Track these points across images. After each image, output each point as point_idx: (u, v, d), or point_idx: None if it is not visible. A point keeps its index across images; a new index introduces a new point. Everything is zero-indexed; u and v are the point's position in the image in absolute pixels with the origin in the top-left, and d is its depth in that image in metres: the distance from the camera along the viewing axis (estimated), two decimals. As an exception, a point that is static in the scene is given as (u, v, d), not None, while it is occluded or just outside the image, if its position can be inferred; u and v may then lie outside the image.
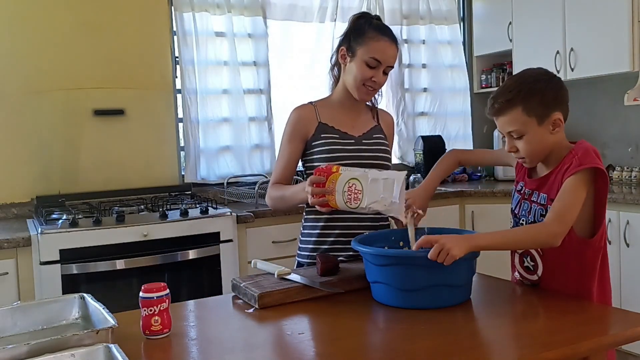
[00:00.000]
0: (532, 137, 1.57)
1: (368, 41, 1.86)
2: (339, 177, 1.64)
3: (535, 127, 1.56)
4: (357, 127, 1.99)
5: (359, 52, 1.87)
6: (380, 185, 1.59)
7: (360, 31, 1.89)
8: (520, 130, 1.57)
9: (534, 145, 1.58)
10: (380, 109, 2.11)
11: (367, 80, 1.88)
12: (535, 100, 1.55)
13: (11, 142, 3.17)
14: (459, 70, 4.51)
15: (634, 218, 3.10)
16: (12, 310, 1.41)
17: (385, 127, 2.06)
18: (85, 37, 3.31)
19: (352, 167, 1.69)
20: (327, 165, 1.74)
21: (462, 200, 3.79)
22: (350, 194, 1.62)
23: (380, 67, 1.87)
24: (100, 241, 2.66)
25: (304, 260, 2.00)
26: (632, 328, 1.34)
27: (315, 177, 1.69)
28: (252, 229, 3.11)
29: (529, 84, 1.56)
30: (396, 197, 1.58)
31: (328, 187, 1.66)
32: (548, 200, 1.61)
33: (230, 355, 1.29)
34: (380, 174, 1.63)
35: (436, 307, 1.49)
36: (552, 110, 1.57)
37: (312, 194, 1.68)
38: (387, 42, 1.88)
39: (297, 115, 1.98)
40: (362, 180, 1.61)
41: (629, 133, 3.93)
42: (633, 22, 3.43)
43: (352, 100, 1.97)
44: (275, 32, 3.87)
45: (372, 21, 1.91)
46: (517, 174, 1.77)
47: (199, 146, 3.58)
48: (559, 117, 1.58)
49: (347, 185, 1.62)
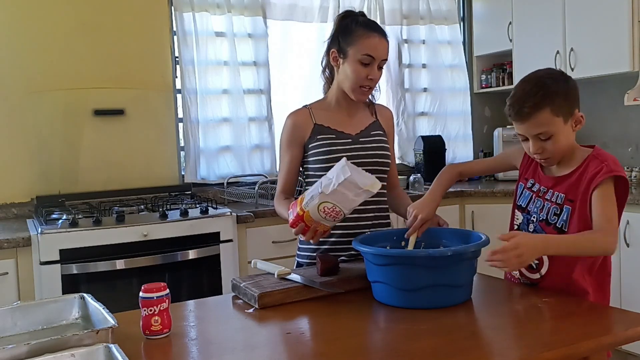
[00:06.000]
0: (560, 136, 1.59)
1: (358, 39, 1.85)
2: (309, 213, 1.61)
3: (562, 126, 1.59)
4: (354, 125, 1.98)
5: (351, 52, 1.86)
6: (341, 190, 1.55)
7: (348, 31, 1.88)
8: (549, 131, 1.58)
9: (561, 144, 1.61)
10: (379, 104, 2.09)
11: (363, 80, 1.87)
12: (559, 100, 1.57)
13: (11, 142, 3.17)
14: (459, 70, 4.50)
15: (634, 218, 3.10)
16: (12, 310, 1.41)
17: (384, 122, 2.05)
18: (85, 37, 3.31)
19: (308, 192, 1.64)
20: (291, 210, 1.69)
21: (462, 200, 3.79)
22: (330, 215, 1.60)
23: (374, 63, 1.86)
24: (100, 241, 2.66)
25: (304, 260, 2.00)
26: (632, 328, 1.33)
27: (296, 230, 1.66)
28: (252, 229, 3.11)
29: (550, 86, 1.58)
30: (354, 178, 1.54)
31: (311, 225, 1.63)
32: (566, 200, 1.63)
33: (230, 355, 1.29)
34: (329, 182, 1.58)
35: (437, 307, 1.49)
36: (575, 108, 1.61)
37: (306, 240, 1.67)
38: (377, 37, 1.87)
39: (291, 122, 1.98)
40: (325, 200, 1.57)
41: (629, 133, 3.93)
42: (633, 22, 3.43)
43: (348, 99, 1.96)
44: (276, 32, 3.86)
45: (358, 19, 1.90)
46: (526, 171, 1.77)
47: (199, 146, 3.58)
48: (581, 114, 1.62)
49: (320, 213, 1.59)
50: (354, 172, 1.56)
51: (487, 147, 4.62)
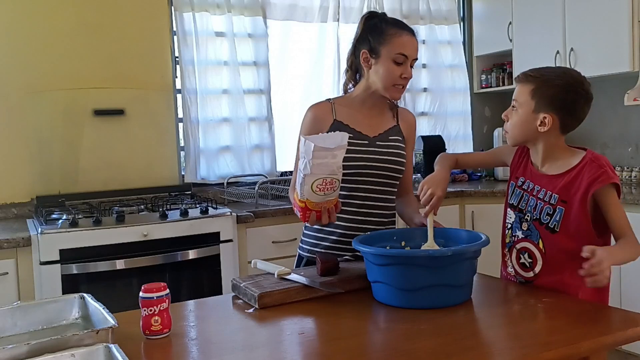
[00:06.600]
0: (521, 116, 1.65)
1: (390, 38, 1.85)
2: (309, 200, 1.63)
3: (528, 110, 1.63)
4: (373, 127, 1.96)
5: (384, 51, 1.85)
6: (317, 162, 1.57)
7: (379, 30, 1.87)
8: (519, 104, 1.65)
9: (517, 124, 1.68)
10: (402, 107, 2.07)
11: (397, 79, 1.86)
12: (547, 91, 1.61)
13: (11, 142, 3.17)
14: (459, 70, 4.50)
15: (633, 218, 3.08)
16: (12, 310, 1.41)
17: (405, 128, 2.02)
18: (85, 37, 3.31)
19: (297, 184, 1.67)
20: (295, 208, 1.73)
21: (462, 200, 3.79)
22: (327, 188, 1.62)
23: (407, 62, 1.86)
24: (100, 241, 2.66)
25: (305, 253, 2.00)
26: (632, 328, 1.34)
27: (311, 220, 1.67)
28: (252, 229, 3.11)
29: (556, 78, 1.62)
30: (320, 145, 1.56)
31: (320, 209, 1.65)
32: (559, 201, 1.63)
33: (230, 355, 1.29)
34: (304, 162, 1.59)
35: (437, 307, 1.49)
36: (552, 110, 1.61)
37: (324, 223, 1.69)
38: (409, 35, 1.87)
39: (311, 114, 1.97)
40: (313, 179, 1.59)
41: (629, 133, 3.93)
42: (633, 22, 3.43)
43: (373, 99, 1.95)
44: (276, 32, 3.86)
45: (386, 18, 1.91)
46: (517, 169, 1.78)
47: (199, 146, 3.58)
48: (550, 118, 1.62)
49: (318, 193, 1.61)
50: (317, 140, 1.58)
51: (487, 147, 4.61)
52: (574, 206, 1.61)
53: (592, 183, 1.58)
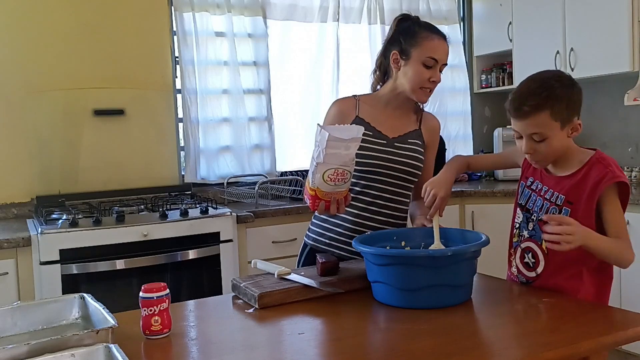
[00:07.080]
0: (554, 140, 1.58)
1: (422, 41, 1.85)
2: (320, 189, 1.64)
3: (558, 131, 1.58)
4: (394, 128, 1.95)
5: (414, 53, 1.86)
6: (330, 151, 1.57)
7: (411, 33, 1.88)
8: (544, 133, 1.57)
9: (553, 149, 1.60)
10: (427, 112, 2.06)
11: (425, 82, 1.86)
12: (561, 105, 1.56)
13: (11, 142, 3.17)
14: (459, 70, 4.50)
15: (633, 218, 3.10)
16: (12, 310, 1.41)
17: (427, 132, 2.01)
18: (85, 37, 3.31)
19: (309, 173, 1.69)
20: (305, 197, 1.74)
21: (462, 200, 3.79)
22: (338, 179, 1.62)
23: (436, 66, 1.86)
24: (100, 241, 2.66)
25: (310, 242, 2.02)
26: (632, 328, 1.33)
27: (319, 209, 1.69)
28: (252, 229, 3.11)
29: (556, 89, 1.57)
30: (335, 135, 1.56)
31: (330, 198, 1.66)
32: (565, 202, 1.62)
33: (230, 355, 1.29)
34: (317, 151, 1.61)
35: (437, 307, 1.49)
36: (574, 116, 1.59)
37: (333, 213, 1.70)
38: (441, 40, 1.88)
39: (335, 109, 1.97)
40: (325, 168, 1.60)
41: (629, 133, 3.93)
42: (633, 22, 3.43)
43: (399, 100, 1.95)
44: (276, 32, 3.86)
45: (419, 21, 1.92)
46: (527, 169, 1.77)
47: (199, 146, 3.58)
48: (579, 122, 1.61)
49: (328, 183, 1.62)
50: (332, 131, 1.58)
51: (487, 147, 4.62)
52: (580, 208, 1.60)
53: (599, 183, 1.57)
